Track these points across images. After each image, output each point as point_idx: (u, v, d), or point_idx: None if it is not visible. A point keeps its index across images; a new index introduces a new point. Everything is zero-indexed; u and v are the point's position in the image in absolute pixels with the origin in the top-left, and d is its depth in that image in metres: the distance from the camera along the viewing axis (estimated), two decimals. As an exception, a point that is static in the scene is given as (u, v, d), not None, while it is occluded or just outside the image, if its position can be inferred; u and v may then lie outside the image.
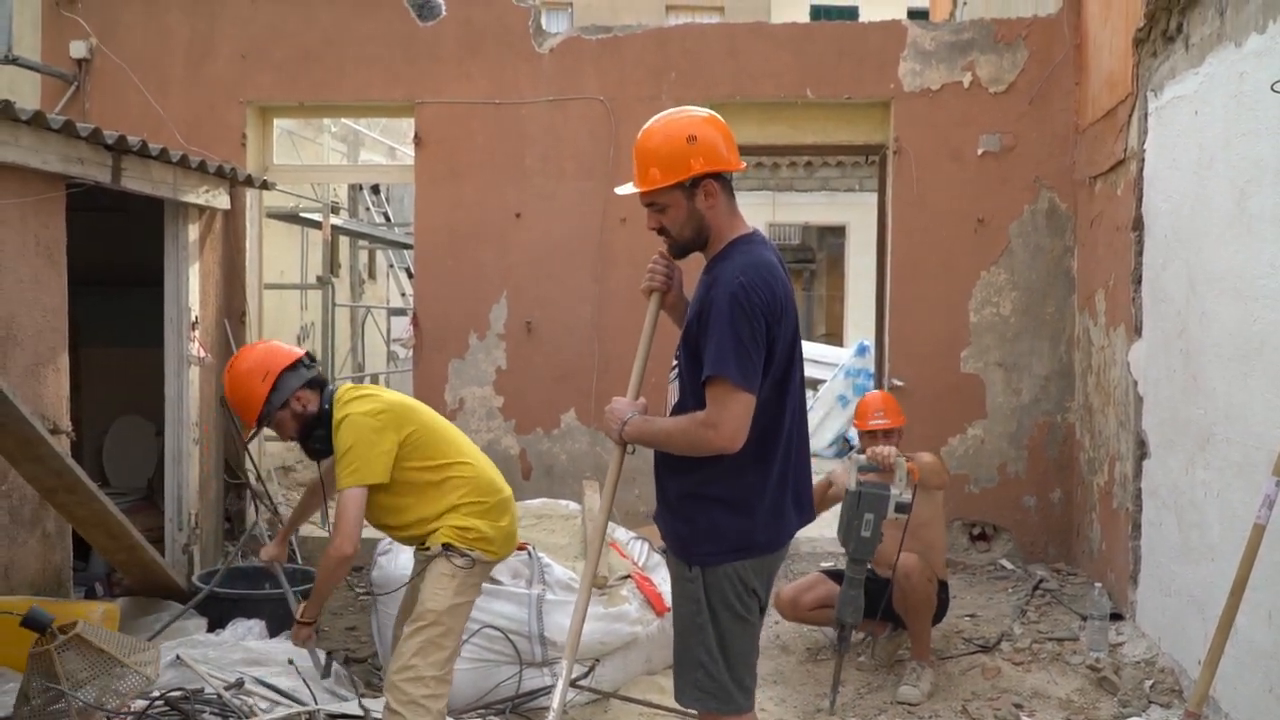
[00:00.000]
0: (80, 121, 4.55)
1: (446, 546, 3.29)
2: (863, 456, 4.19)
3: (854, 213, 14.39)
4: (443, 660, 3.25)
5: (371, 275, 11.98)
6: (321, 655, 3.64)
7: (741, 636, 2.69)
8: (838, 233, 16.54)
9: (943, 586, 4.65)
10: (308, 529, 6.34)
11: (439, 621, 3.24)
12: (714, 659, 2.66)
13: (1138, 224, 5.03)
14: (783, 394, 2.67)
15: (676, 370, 2.78)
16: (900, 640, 4.77)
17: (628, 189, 2.74)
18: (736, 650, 2.69)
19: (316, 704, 3.83)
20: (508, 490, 3.51)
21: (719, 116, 2.72)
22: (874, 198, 7.17)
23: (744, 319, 2.52)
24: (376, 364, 11.23)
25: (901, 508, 3.76)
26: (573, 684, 4.16)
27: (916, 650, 4.57)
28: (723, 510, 2.65)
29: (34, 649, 3.26)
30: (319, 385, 3.38)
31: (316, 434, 3.35)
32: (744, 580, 2.67)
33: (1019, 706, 4.36)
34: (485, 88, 6.50)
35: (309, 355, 3.43)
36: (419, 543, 3.39)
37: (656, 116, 2.73)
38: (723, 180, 2.67)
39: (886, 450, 4.19)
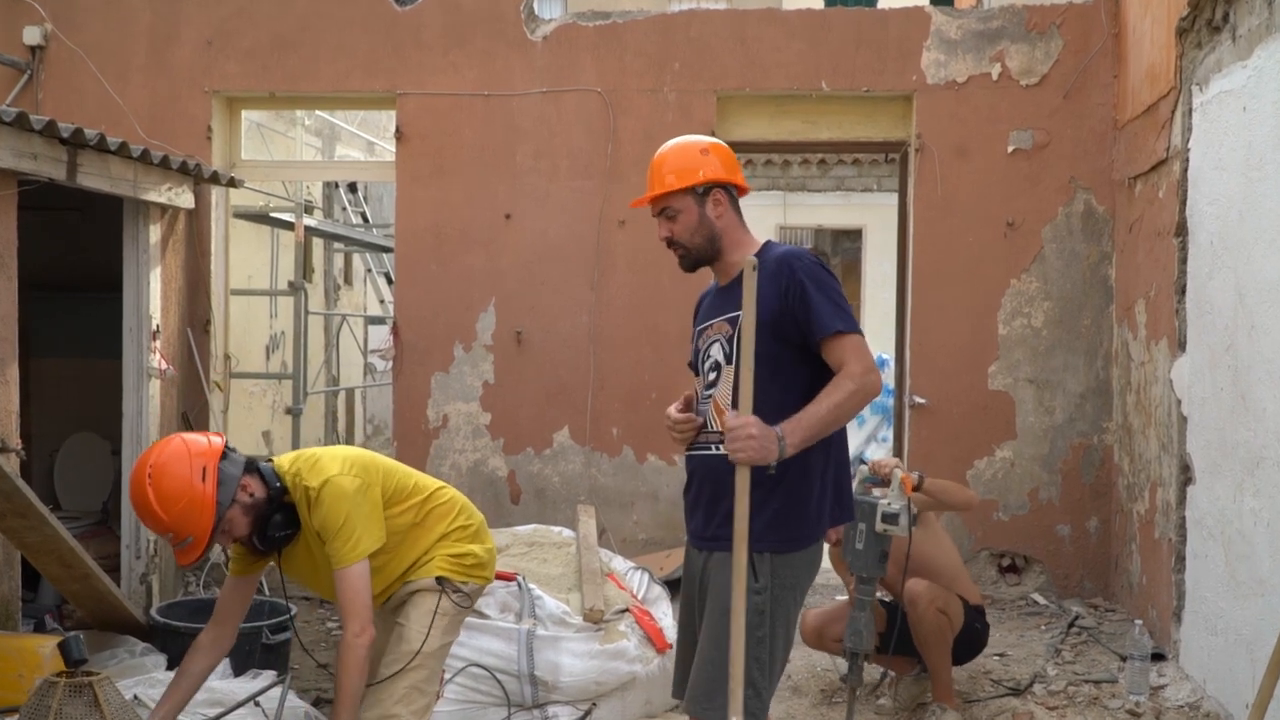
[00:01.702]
0: (34, 113, 4.55)
1: (441, 580, 3.25)
2: (865, 467, 4.28)
3: (872, 215, 14.38)
4: (425, 707, 3.21)
5: (348, 281, 11.97)
6: None
7: (785, 653, 2.92)
8: (854, 236, 16.54)
9: (978, 613, 4.61)
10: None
11: (424, 665, 3.20)
12: (765, 676, 2.84)
13: (1181, 229, 5.03)
14: None
15: (733, 364, 2.90)
16: (926, 684, 4.74)
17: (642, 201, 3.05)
18: (779, 669, 2.91)
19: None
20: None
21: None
22: (894, 199, 7.19)
23: (834, 279, 2.91)
24: (352, 377, 11.21)
25: (889, 518, 3.83)
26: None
27: (938, 691, 4.53)
28: (819, 486, 2.91)
29: (51, 677, 3.26)
30: (254, 467, 3.13)
31: (274, 520, 3.11)
32: (802, 584, 2.93)
33: (1053, 755, 4.34)
34: (473, 78, 6.51)
35: (223, 438, 3.19)
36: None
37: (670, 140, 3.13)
38: (730, 196, 3.05)
39: (885, 459, 4.37)
